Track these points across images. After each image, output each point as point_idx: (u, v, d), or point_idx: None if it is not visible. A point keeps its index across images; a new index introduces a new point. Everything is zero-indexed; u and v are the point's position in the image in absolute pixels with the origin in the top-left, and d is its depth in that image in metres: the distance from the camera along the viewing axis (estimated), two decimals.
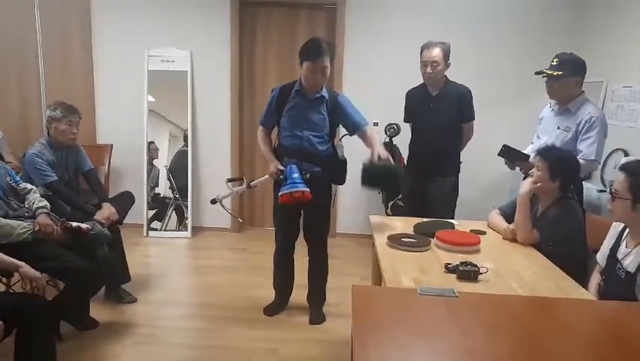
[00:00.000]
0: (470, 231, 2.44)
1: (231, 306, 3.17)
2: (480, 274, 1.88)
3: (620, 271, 1.94)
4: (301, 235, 3.01)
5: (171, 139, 4.56)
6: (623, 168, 1.96)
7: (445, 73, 3.13)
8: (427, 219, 2.64)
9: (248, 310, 3.10)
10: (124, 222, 3.13)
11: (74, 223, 2.61)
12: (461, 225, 2.60)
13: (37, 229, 2.48)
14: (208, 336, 2.82)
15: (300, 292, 3.12)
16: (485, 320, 1.51)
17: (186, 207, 4.53)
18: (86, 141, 4.09)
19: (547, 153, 2.39)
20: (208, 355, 2.64)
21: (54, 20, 4.39)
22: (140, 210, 4.36)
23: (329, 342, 2.78)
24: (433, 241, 2.29)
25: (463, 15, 4.22)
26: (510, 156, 2.86)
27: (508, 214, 2.55)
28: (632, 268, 1.88)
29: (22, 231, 2.43)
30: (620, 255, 1.98)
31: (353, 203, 4.53)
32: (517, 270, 2.01)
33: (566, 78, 2.65)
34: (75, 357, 2.54)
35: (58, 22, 4.40)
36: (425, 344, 1.38)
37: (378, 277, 2.35)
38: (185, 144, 4.52)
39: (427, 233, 2.37)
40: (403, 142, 3.63)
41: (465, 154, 3.38)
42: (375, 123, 4.27)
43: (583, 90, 2.74)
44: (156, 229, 4.53)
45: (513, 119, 4.19)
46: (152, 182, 4.53)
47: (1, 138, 3.87)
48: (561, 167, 2.33)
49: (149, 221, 4.50)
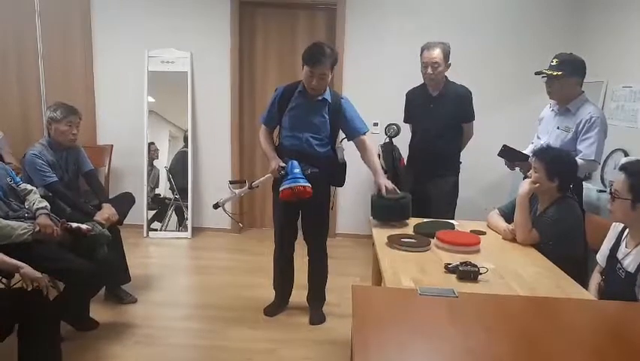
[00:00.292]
0: (470, 231, 2.45)
1: (231, 306, 3.17)
2: (480, 274, 1.88)
3: (620, 271, 1.94)
4: (301, 235, 3.02)
5: (171, 140, 4.57)
6: (623, 169, 1.96)
7: (445, 73, 3.14)
8: (427, 220, 2.65)
9: (248, 310, 3.10)
10: (124, 222, 3.13)
11: (74, 224, 2.61)
12: (461, 225, 2.60)
13: (38, 229, 2.48)
14: (208, 337, 2.82)
15: (300, 293, 3.13)
16: (485, 320, 1.51)
17: (186, 207, 4.53)
18: (86, 141, 4.09)
19: (544, 154, 2.39)
20: (208, 355, 2.64)
21: (54, 21, 4.40)
22: (140, 211, 4.37)
23: (329, 342, 2.78)
24: (433, 241, 2.29)
25: (462, 15, 4.23)
26: (510, 156, 2.86)
27: (507, 214, 2.55)
28: (632, 268, 1.88)
29: (23, 232, 2.42)
30: (620, 255, 1.98)
31: (353, 203, 4.53)
32: (517, 270, 2.01)
33: (566, 78, 2.65)
34: (75, 357, 2.53)
35: (58, 23, 4.40)
36: (425, 344, 1.38)
37: (378, 278, 2.36)
38: (185, 145, 4.52)
39: (427, 233, 2.37)
40: (403, 142, 3.63)
41: (465, 154, 3.38)
42: (375, 123, 4.29)
43: (583, 90, 2.74)
44: (156, 230, 4.53)
45: (513, 120, 4.20)
46: (152, 183, 4.54)
47: (2, 139, 3.87)
48: (558, 166, 2.33)
49: (149, 222, 4.51)
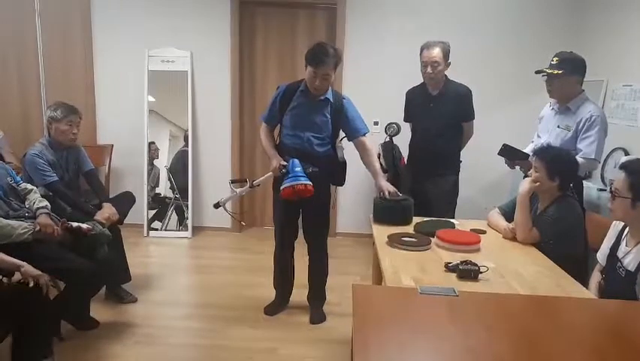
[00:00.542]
0: (470, 230, 2.44)
1: (232, 306, 3.17)
2: (480, 273, 1.88)
3: (621, 269, 1.94)
4: (302, 234, 3.02)
5: (171, 139, 4.56)
6: (623, 167, 1.96)
7: (445, 72, 3.14)
8: (428, 219, 2.65)
9: (248, 309, 3.10)
10: (124, 222, 3.13)
11: (75, 223, 2.61)
12: (461, 224, 2.60)
13: (38, 229, 2.48)
14: (209, 336, 2.82)
15: (301, 292, 3.13)
16: (486, 319, 1.51)
17: (187, 207, 4.53)
18: (87, 141, 4.10)
19: (544, 153, 2.39)
20: (208, 355, 2.64)
21: (54, 21, 4.39)
22: (141, 211, 4.36)
23: (329, 341, 2.78)
24: (433, 240, 2.29)
25: (462, 15, 4.22)
26: (510, 155, 2.86)
27: (508, 213, 2.55)
28: (632, 267, 1.89)
29: (23, 231, 2.42)
30: (621, 254, 1.99)
31: (353, 202, 4.53)
32: (517, 269, 2.01)
33: (566, 77, 2.64)
34: (76, 357, 2.54)
35: (58, 22, 4.40)
36: (426, 343, 1.39)
37: (378, 277, 2.36)
38: (186, 144, 4.52)
39: (427, 232, 2.37)
40: (403, 141, 3.63)
41: (465, 153, 3.38)
42: (376, 123, 4.29)
43: (583, 89, 2.74)
44: (157, 229, 4.53)
45: (513, 119, 4.19)
46: (153, 182, 4.54)
47: (2, 139, 3.88)
48: (559, 166, 2.33)
49: (149, 221, 4.51)
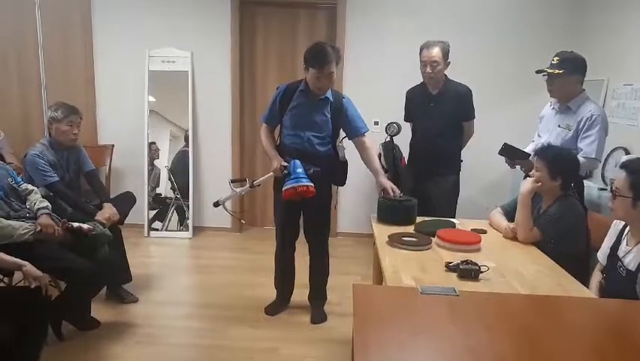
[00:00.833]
0: (471, 230, 2.44)
1: (232, 306, 3.17)
2: (481, 272, 1.88)
3: (621, 269, 1.94)
4: (302, 234, 3.02)
5: (172, 139, 4.56)
6: (623, 166, 1.96)
7: (445, 72, 3.13)
8: (428, 218, 2.65)
9: (249, 309, 3.10)
10: (125, 222, 3.13)
11: (75, 224, 2.62)
12: (462, 224, 2.60)
13: (39, 229, 2.48)
14: (209, 336, 2.82)
15: (302, 292, 3.13)
16: (486, 318, 1.51)
17: (187, 207, 4.53)
18: (87, 141, 4.10)
19: (545, 153, 2.39)
20: (209, 355, 2.64)
21: (55, 21, 4.39)
22: (141, 211, 4.37)
23: (330, 341, 2.78)
24: (433, 239, 2.29)
25: (462, 15, 4.22)
26: (511, 154, 2.85)
27: (510, 213, 2.54)
28: (632, 266, 1.89)
29: (24, 232, 2.43)
30: (621, 253, 1.99)
31: (354, 203, 4.53)
32: (518, 268, 2.01)
33: (567, 76, 2.64)
34: (77, 357, 2.54)
35: (59, 23, 4.40)
36: (426, 342, 1.39)
37: (379, 276, 2.36)
38: (186, 144, 4.52)
39: (427, 232, 2.37)
40: (404, 141, 3.63)
41: (466, 153, 3.38)
42: (376, 122, 4.29)
43: (583, 88, 2.73)
44: (157, 229, 4.53)
45: (513, 118, 4.19)
46: (153, 182, 4.54)
47: (3, 139, 3.88)
48: (560, 165, 2.33)
49: (150, 221, 4.51)
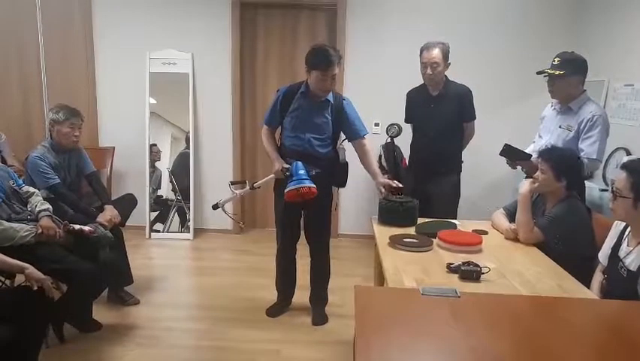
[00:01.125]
0: (472, 231, 2.44)
1: (234, 307, 3.17)
2: (482, 273, 1.88)
3: (622, 269, 1.94)
4: (303, 236, 3.02)
5: (173, 141, 4.57)
6: (624, 167, 1.96)
7: (445, 73, 3.14)
8: (429, 220, 2.65)
9: (250, 311, 3.10)
10: (126, 224, 3.14)
11: (77, 226, 2.62)
12: (463, 225, 2.60)
13: (40, 231, 2.49)
14: (211, 337, 2.82)
15: (303, 294, 3.13)
16: (488, 319, 1.51)
17: (188, 208, 4.53)
18: (89, 143, 4.11)
19: (549, 154, 2.39)
20: (211, 356, 2.64)
21: (56, 24, 4.40)
22: (143, 213, 4.37)
23: (332, 343, 2.78)
24: (435, 241, 2.29)
25: (463, 15, 4.22)
26: (511, 155, 2.85)
27: (513, 213, 2.54)
28: (634, 267, 1.88)
29: (25, 234, 2.43)
30: (622, 254, 1.98)
31: (355, 204, 4.53)
32: (519, 269, 2.01)
33: (568, 77, 2.64)
34: (78, 359, 2.54)
35: (60, 25, 4.41)
36: (428, 344, 1.39)
37: (380, 278, 2.35)
38: (187, 146, 4.53)
39: (429, 233, 2.37)
40: (404, 142, 3.63)
41: (466, 154, 3.38)
42: (377, 124, 4.29)
43: (584, 89, 2.73)
44: (158, 231, 4.54)
45: (514, 119, 4.19)
46: (155, 184, 4.54)
47: (4, 142, 3.88)
48: (565, 165, 2.33)
49: (151, 223, 4.51)
